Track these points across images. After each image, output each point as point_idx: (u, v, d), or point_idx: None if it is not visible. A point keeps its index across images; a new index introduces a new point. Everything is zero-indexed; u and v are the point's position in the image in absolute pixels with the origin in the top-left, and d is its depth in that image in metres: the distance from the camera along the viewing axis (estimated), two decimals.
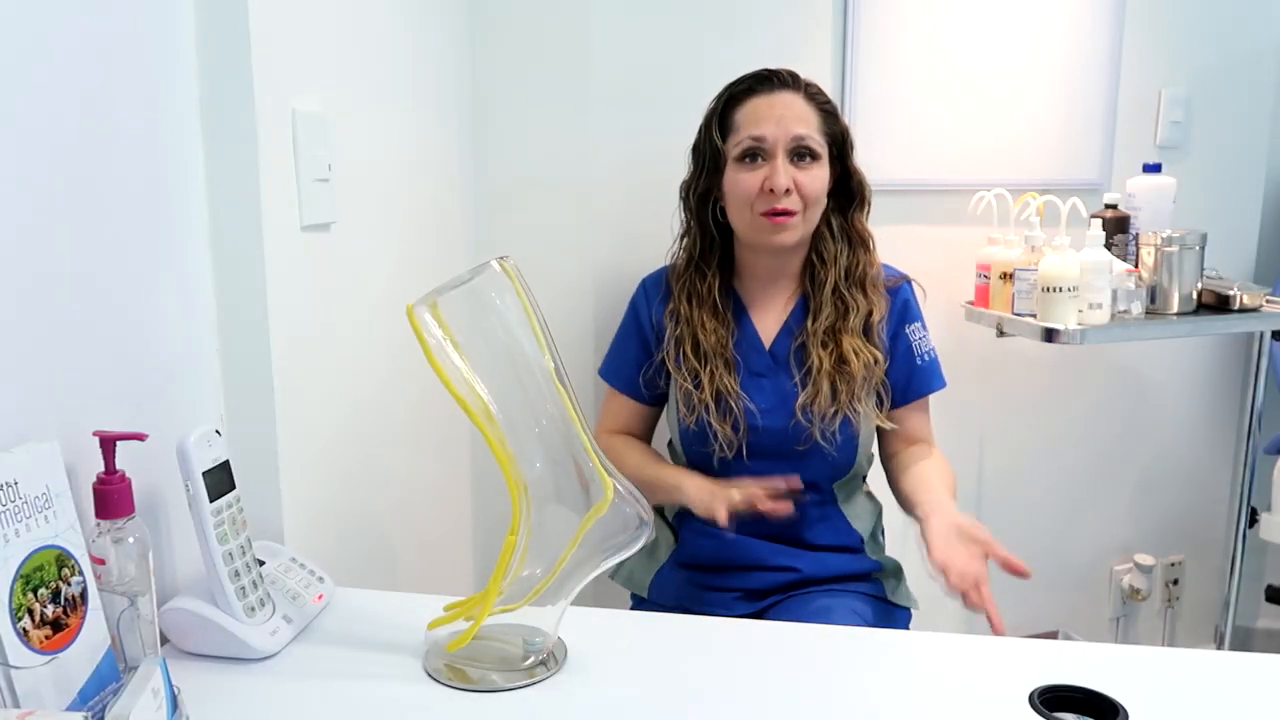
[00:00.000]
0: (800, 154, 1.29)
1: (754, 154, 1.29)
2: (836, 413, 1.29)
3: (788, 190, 1.27)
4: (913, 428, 1.40)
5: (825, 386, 1.29)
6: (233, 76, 0.93)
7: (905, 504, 1.33)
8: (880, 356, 1.33)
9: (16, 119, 0.73)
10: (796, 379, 1.31)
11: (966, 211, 1.79)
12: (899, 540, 1.44)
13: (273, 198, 0.97)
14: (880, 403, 1.36)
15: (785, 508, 1.21)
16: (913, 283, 1.41)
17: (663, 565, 1.40)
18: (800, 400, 1.30)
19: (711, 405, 1.30)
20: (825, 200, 1.32)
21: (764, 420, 1.31)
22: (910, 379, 1.38)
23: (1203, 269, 1.70)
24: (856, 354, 1.30)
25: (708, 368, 1.32)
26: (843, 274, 1.33)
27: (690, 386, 1.32)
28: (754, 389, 1.33)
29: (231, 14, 0.92)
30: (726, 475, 1.32)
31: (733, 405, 1.30)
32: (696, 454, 1.36)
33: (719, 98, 1.35)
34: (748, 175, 1.29)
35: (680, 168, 1.40)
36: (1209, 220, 1.80)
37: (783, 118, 1.28)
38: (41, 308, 0.76)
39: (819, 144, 1.30)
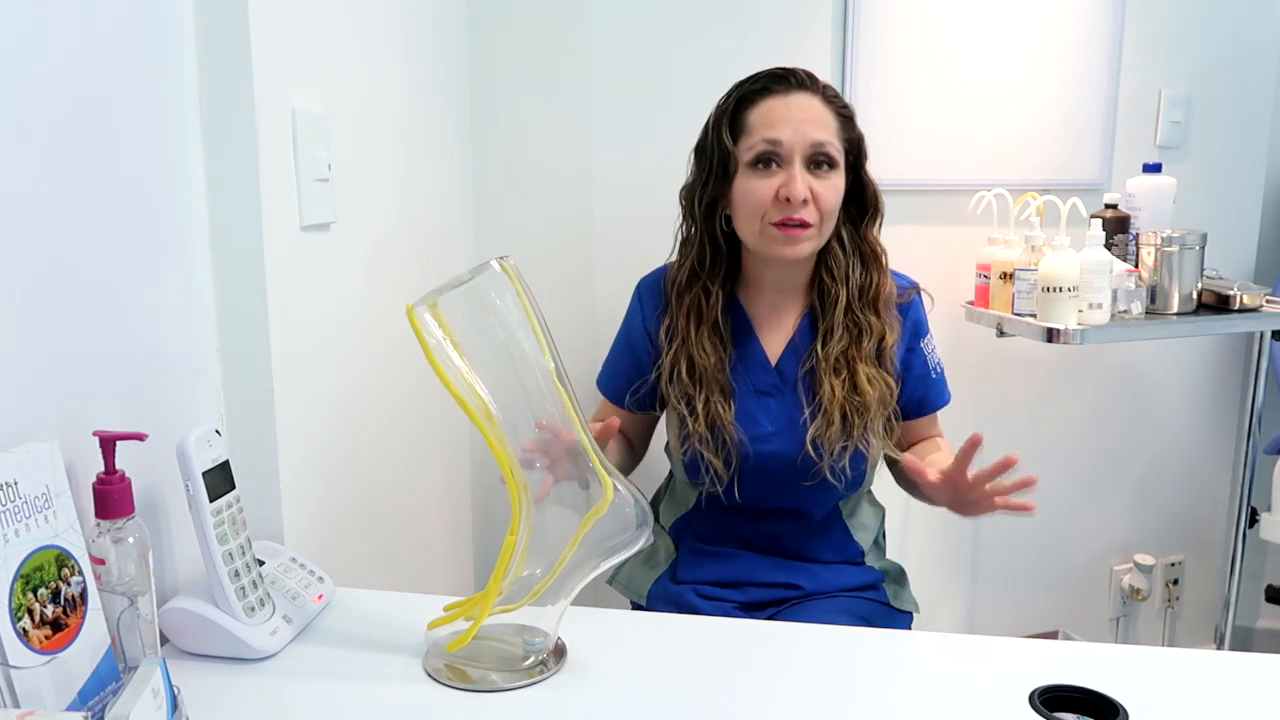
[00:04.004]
0: (818, 161, 1.20)
1: (768, 159, 1.20)
2: (846, 448, 1.23)
3: (805, 200, 1.18)
4: (921, 434, 1.38)
5: (837, 418, 1.22)
6: (233, 76, 0.93)
7: (910, 470, 1.19)
8: (894, 385, 1.27)
9: (16, 119, 0.73)
10: (807, 409, 1.25)
11: (966, 211, 1.79)
12: (899, 542, 1.43)
13: (273, 198, 0.97)
14: (888, 424, 1.31)
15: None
16: (922, 293, 1.35)
17: (662, 574, 1.37)
18: (811, 433, 1.23)
19: (706, 435, 1.24)
20: (839, 213, 1.25)
21: (769, 444, 1.25)
22: (925, 395, 1.35)
23: (1203, 269, 1.70)
24: (870, 383, 1.24)
25: (702, 394, 1.25)
26: (855, 293, 1.26)
27: (684, 412, 1.26)
28: (759, 409, 1.27)
29: (231, 14, 0.92)
30: (721, 506, 1.29)
31: (726, 439, 1.24)
32: (691, 482, 1.32)
33: (729, 96, 1.26)
34: (761, 182, 1.20)
35: (680, 167, 1.38)
36: (1209, 220, 1.80)
37: (800, 121, 1.19)
38: (42, 308, 0.76)
39: (837, 150, 1.21)
